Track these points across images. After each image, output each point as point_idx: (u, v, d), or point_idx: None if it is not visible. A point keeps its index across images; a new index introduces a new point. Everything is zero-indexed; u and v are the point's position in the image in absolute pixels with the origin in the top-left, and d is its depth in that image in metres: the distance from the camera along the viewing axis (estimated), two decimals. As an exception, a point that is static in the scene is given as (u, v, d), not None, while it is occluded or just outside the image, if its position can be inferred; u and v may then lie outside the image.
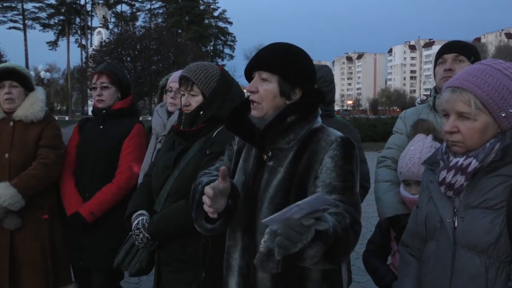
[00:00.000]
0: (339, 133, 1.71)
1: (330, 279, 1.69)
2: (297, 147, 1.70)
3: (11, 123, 2.95)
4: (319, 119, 1.78)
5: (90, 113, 3.36)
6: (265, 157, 1.73)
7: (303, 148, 1.68)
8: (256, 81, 1.73)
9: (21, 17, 73.83)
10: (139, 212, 2.32)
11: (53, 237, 2.97)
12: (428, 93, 2.65)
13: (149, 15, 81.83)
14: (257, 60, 1.74)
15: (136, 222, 2.28)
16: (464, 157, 1.55)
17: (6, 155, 2.88)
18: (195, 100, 2.26)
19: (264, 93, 1.71)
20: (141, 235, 2.24)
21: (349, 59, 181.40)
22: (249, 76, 1.79)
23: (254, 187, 1.72)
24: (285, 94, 1.71)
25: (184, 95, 2.29)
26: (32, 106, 2.96)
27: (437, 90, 2.50)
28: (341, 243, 1.43)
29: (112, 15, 76.51)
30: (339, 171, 1.62)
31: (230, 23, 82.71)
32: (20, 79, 2.97)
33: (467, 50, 2.41)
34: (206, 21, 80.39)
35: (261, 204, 1.68)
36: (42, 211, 2.94)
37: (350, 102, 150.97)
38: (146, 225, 2.24)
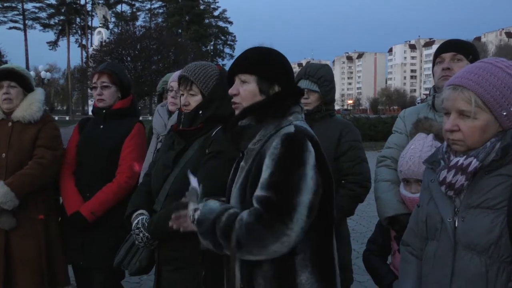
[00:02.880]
0: (288, 130, 1.71)
1: (282, 278, 1.69)
2: (259, 147, 1.75)
3: (10, 124, 2.95)
4: (292, 117, 1.79)
5: (90, 113, 3.36)
6: (241, 157, 1.85)
7: (262, 148, 1.74)
8: (237, 84, 1.83)
9: (21, 17, 73.84)
10: (139, 211, 2.32)
11: (49, 237, 2.96)
12: (428, 92, 2.65)
13: (149, 15, 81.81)
14: (235, 64, 1.85)
15: (136, 221, 2.28)
16: (465, 156, 1.54)
17: (3, 155, 2.89)
18: (194, 100, 2.27)
19: (244, 94, 1.80)
20: (141, 235, 2.24)
21: (349, 58, 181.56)
22: (231, 82, 1.87)
23: (230, 184, 1.87)
24: (264, 91, 1.80)
25: (183, 94, 2.29)
26: (30, 106, 2.96)
27: (436, 89, 2.49)
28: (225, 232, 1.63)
29: (112, 15, 76.47)
30: (272, 168, 1.65)
31: (230, 22, 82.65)
32: (19, 79, 2.97)
33: (464, 49, 2.40)
34: (206, 21, 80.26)
35: (232, 200, 1.80)
36: (37, 211, 2.93)
37: (350, 101, 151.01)
38: (146, 225, 2.24)
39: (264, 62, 1.82)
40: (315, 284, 1.69)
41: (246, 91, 1.80)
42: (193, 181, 1.86)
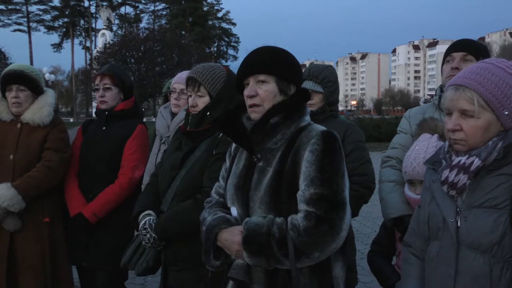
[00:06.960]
0: (321, 128, 1.75)
1: (319, 273, 1.71)
2: (284, 146, 1.75)
3: (19, 125, 2.95)
4: (307, 117, 1.83)
5: (94, 114, 3.37)
6: (255, 158, 1.79)
7: (289, 147, 1.74)
8: (253, 85, 1.78)
9: (25, 19, 74.01)
10: (146, 212, 2.33)
11: (54, 240, 2.95)
12: (432, 93, 2.64)
13: (152, 16, 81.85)
14: (250, 65, 1.80)
15: (143, 222, 2.29)
16: (467, 156, 1.55)
17: (11, 157, 2.89)
18: (202, 101, 2.28)
19: (265, 94, 1.77)
20: (148, 235, 2.25)
21: (353, 59, 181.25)
22: (240, 84, 1.84)
23: (244, 187, 1.78)
24: (283, 91, 1.79)
25: (191, 96, 2.30)
26: (40, 110, 2.96)
27: (442, 89, 2.48)
28: (281, 242, 1.60)
29: (116, 17, 76.45)
30: (318, 164, 1.66)
31: (234, 24, 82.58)
32: (28, 83, 2.97)
33: (476, 50, 2.38)
34: (210, 22, 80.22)
35: (253, 204, 1.74)
36: (43, 214, 2.93)
37: (354, 102, 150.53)
38: (153, 225, 2.25)
39: (282, 62, 1.80)
40: (343, 277, 1.76)
41: (266, 91, 1.76)
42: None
